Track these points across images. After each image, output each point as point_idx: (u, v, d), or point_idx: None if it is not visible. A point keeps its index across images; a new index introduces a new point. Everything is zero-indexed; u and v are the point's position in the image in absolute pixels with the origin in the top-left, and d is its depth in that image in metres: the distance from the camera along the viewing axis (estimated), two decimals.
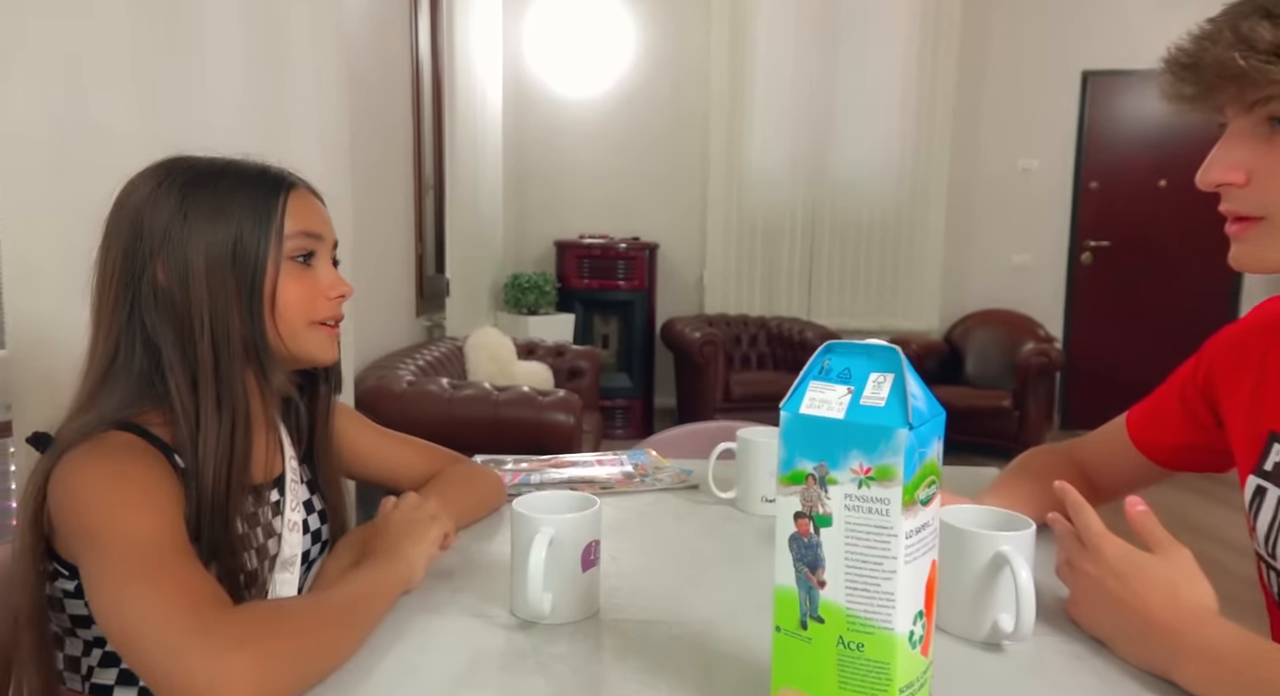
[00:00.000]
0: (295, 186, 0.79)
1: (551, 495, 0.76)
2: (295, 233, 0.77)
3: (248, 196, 0.75)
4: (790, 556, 0.54)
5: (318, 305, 0.78)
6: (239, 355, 0.74)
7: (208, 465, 0.70)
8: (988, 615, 0.68)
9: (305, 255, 0.78)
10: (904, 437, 0.50)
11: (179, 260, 0.72)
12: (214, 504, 0.70)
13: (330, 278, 0.80)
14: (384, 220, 2.96)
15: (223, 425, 0.72)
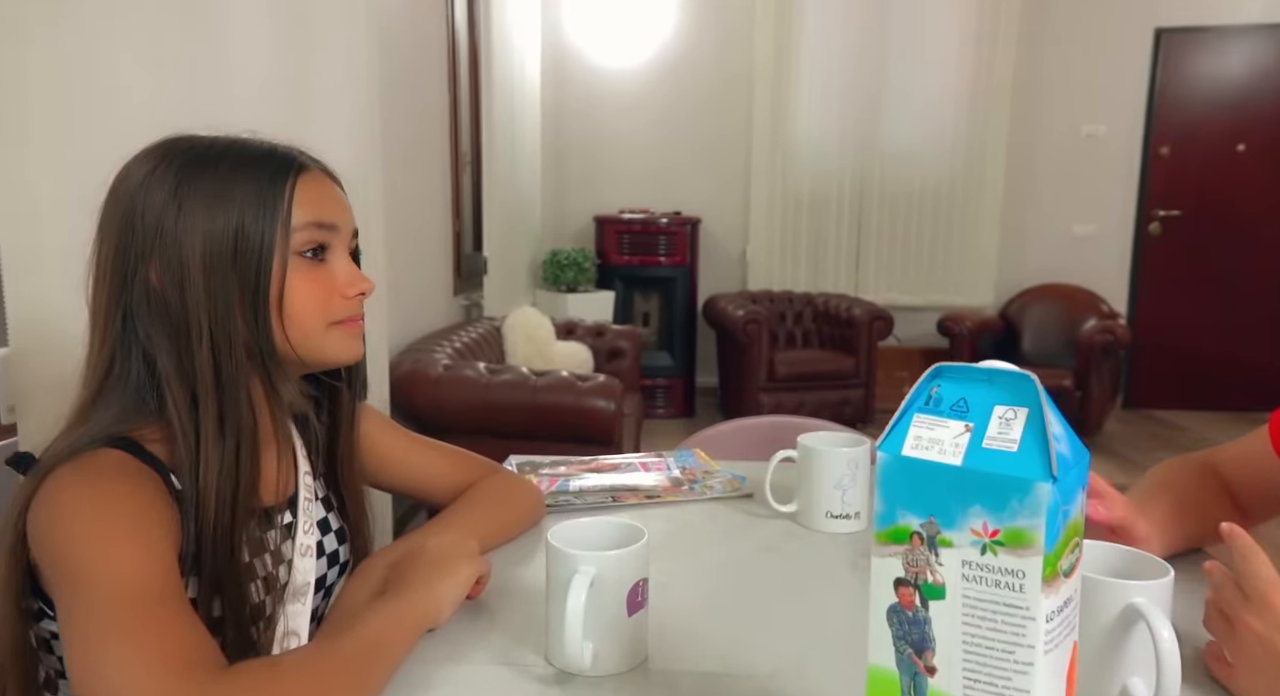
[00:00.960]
0: (306, 169, 0.69)
1: (592, 523, 0.67)
2: (305, 224, 0.67)
3: (251, 182, 0.65)
4: (889, 632, 0.43)
5: (334, 305, 0.69)
6: (243, 364, 0.65)
7: (209, 489, 0.62)
8: (1115, 679, 0.57)
9: (317, 249, 0.69)
10: (1046, 493, 0.38)
11: (173, 258, 0.63)
12: (216, 531, 0.62)
13: (348, 273, 0.70)
14: (419, 197, 2.88)
15: (226, 444, 0.63)
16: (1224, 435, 3.81)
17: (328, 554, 0.76)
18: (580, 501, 0.99)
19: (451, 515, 0.80)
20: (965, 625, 0.41)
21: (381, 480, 0.84)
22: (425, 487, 0.86)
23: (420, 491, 0.86)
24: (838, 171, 4.64)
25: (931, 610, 0.42)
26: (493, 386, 2.18)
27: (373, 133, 1.97)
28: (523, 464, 1.09)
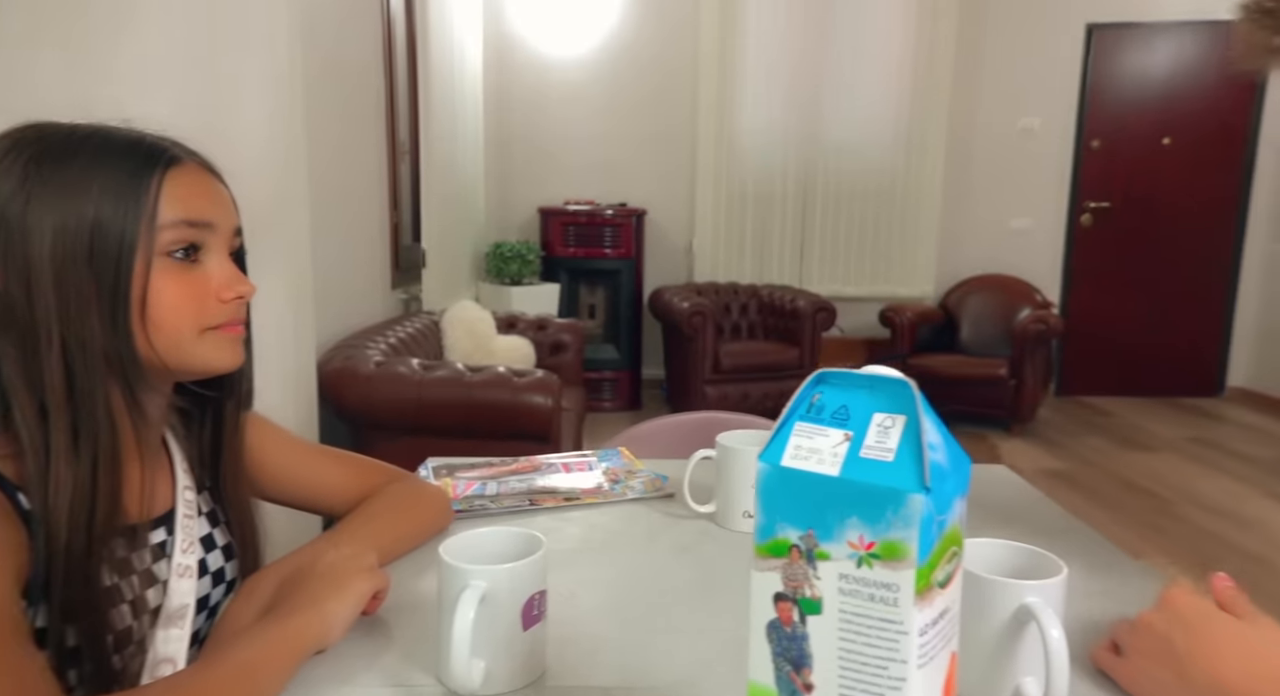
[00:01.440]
0: (178, 162, 0.64)
1: (489, 533, 0.64)
2: (174, 221, 0.62)
3: (112, 174, 0.60)
4: (768, 648, 0.42)
5: (207, 309, 0.65)
6: (99, 372, 0.60)
7: (61, 509, 0.57)
8: (1009, 679, 0.57)
9: (188, 248, 0.64)
10: (919, 505, 0.37)
11: (19, 255, 0.58)
12: (70, 555, 0.57)
13: (225, 275, 0.66)
14: (353, 187, 2.79)
15: (81, 461, 0.58)
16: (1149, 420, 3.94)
17: (212, 572, 0.71)
18: (496, 506, 0.96)
19: (348, 526, 0.76)
20: (841, 641, 0.40)
21: (273, 493, 0.80)
22: (322, 498, 0.81)
23: (317, 503, 0.82)
24: (782, 165, 4.66)
25: (809, 625, 0.40)
26: (426, 383, 2.13)
27: (297, 121, 1.90)
28: (440, 466, 1.06)
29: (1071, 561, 0.82)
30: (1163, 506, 3.12)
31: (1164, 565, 2.59)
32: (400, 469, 0.87)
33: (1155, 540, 2.78)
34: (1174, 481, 3.39)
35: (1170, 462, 3.64)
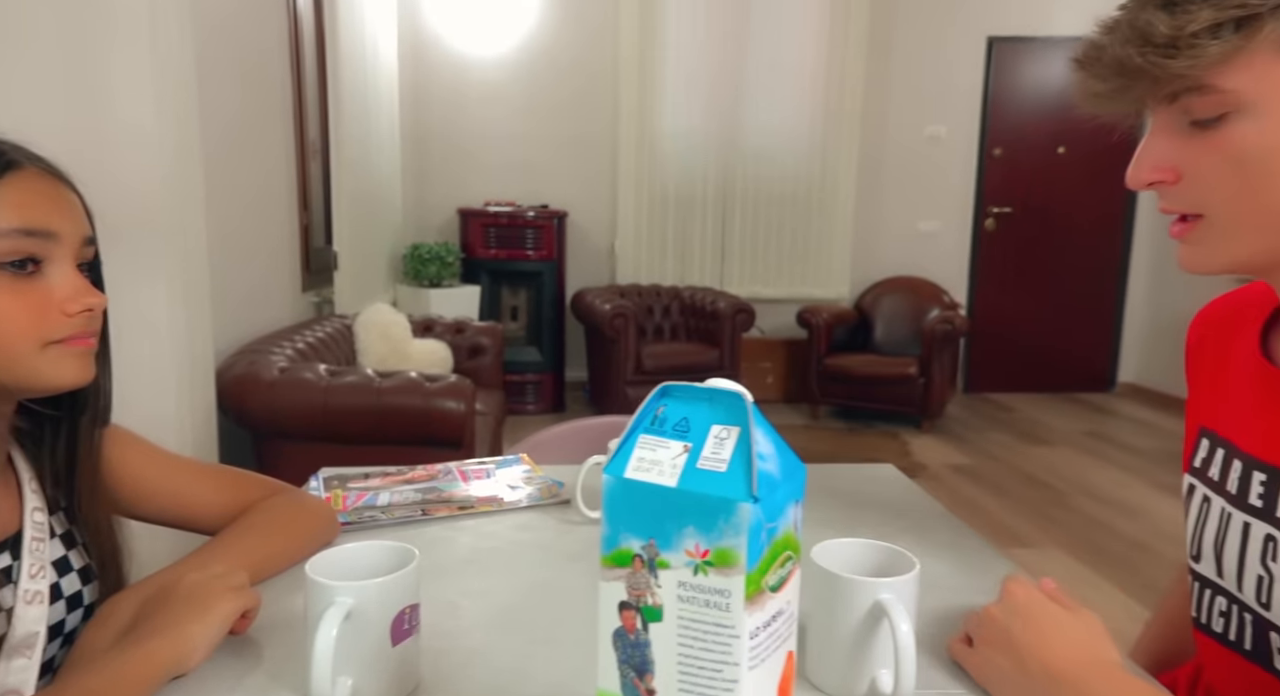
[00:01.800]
0: (16, 167, 0.61)
1: (359, 548, 0.63)
2: (8, 231, 0.59)
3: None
4: (614, 656, 0.43)
5: (50, 322, 0.62)
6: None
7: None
8: (865, 672, 0.60)
9: (23, 261, 0.61)
10: (747, 514, 0.39)
11: None
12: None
13: (70, 287, 0.63)
14: (259, 187, 2.70)
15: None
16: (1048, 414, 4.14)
17: (67, 597, 0.68)
18: (387, 516, 0.94)
19: (219, 543, 0.73)
20: (680, 646, 0.41)
21: (140, 511, 0.77)
22: (193, 516, 0.78)
23: (188, 520, 0.79)
24: (702, 169, 4.73)
25: (651, 632, 0.42)
26: (333, 390, 2.07)
27: (188, 119, 1.82)
28: (331, 477, 1.04)
29: (943, 556, 0.87)
30: (1057, 497, 3.30)
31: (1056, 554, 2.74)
32: (281, 482, 0.85)
33: (1050, 530, 2.94)
34: (1068, 473, 3.58)
35: (1065, 455, 3.85)
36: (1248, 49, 0.52)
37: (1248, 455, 0.66)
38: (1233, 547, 0.66)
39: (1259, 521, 0.63)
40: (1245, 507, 0.65)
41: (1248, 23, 0.52)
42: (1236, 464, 0.67)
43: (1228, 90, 0.54)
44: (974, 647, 0.63)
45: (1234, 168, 0.56)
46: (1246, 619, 0.65)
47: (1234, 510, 0.66)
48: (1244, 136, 0.55)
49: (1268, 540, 0.62)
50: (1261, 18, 0.52)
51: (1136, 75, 0.55)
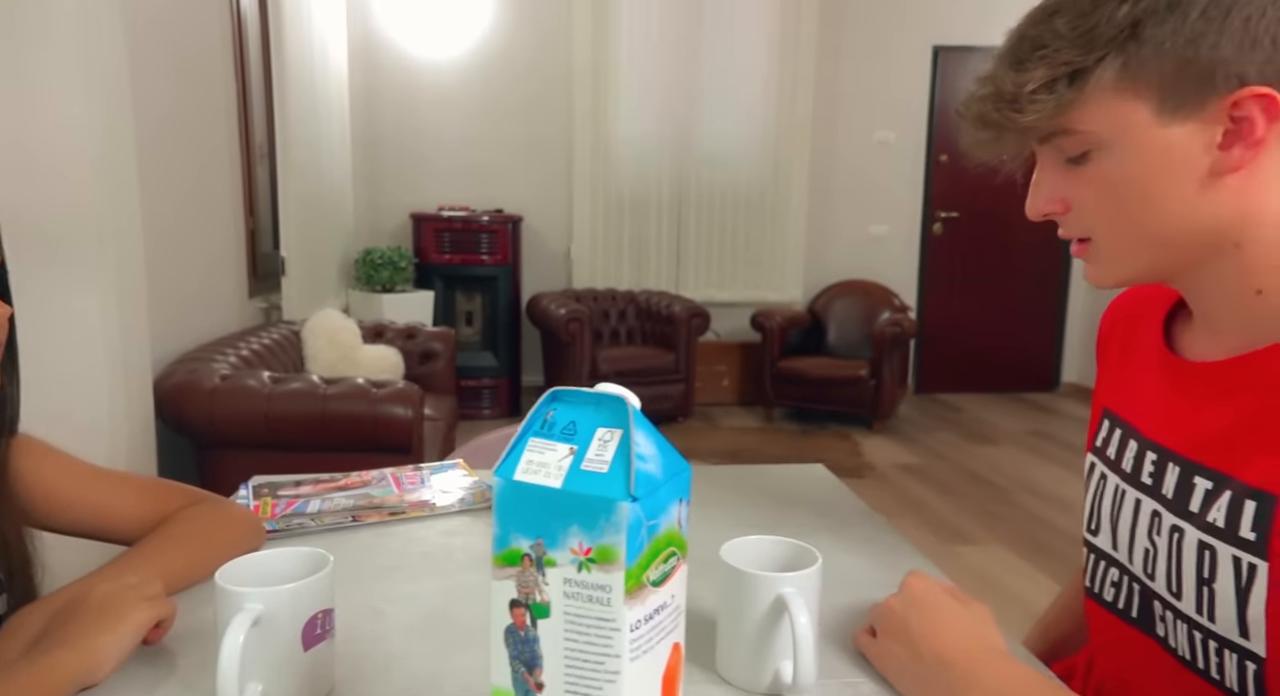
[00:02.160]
0: None
1: (273, 555, 0.64)
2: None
3: None
4: (506, 653, 0.44)
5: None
6: None
7: None
8: (769, 664, 0.62)
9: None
10: (626, 512, 0.41)
11: None
12: None
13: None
14: (201, 192, 2.65)
15: None
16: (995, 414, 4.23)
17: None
18: (316, 523, 0.94)
19: (136, 553, 0.73)
20: (566, 640, 0.43)
21: (55, 523, 0.76)
22: (111, 527, 0.78)
23: (105, 530, 0.78)
24: (657, 173, 4.76)
25: (540, 628, 0.43)
26: (276, 396, 2.05)
27: (123, 120, 1.79)
28: (261, 485, 1.03)
29: (859, 552, 0.90)
30: (1001, 495, 3.39)
31: (999, 550, 2.81)
32: (204, 491, 0.85)
33: (993, 527, 3.02)
34: (1011, 471, 3.69)
35: (1009, 454, 3.95)
36: (1084, 96, 0.58)
37: (1143, 436, 0.70)
38: (1125, 522, 0.70)
39: (1148, 498, 0.68)
40: (1138, 485, 0.69)
41: (1078, 75, 0.57)
42: (1132, 444, 0.71)
43: (1084, 131, 0.59)
44: (876, 638, 0.65)
45: (1108, 197, 0.61)
46: (1135, 588, 0.69)
47: (1128, 487, 0.70)
48: (1109, 169, 0.60)
49: (1154, 516, 0.67)
50: (1089, 70, 0.57)
51: (999, 127, 0.61)
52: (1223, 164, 0.58)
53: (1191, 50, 0.55)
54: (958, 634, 0.61)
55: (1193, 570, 0.62)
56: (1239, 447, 0.61)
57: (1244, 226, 0.60)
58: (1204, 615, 0.62)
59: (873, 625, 0.67)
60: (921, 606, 0.63)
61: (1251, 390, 0.61)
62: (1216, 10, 0.55)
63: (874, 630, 0.67)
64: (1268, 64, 0.55)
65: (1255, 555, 0.58)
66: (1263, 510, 0.58)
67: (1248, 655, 0.59)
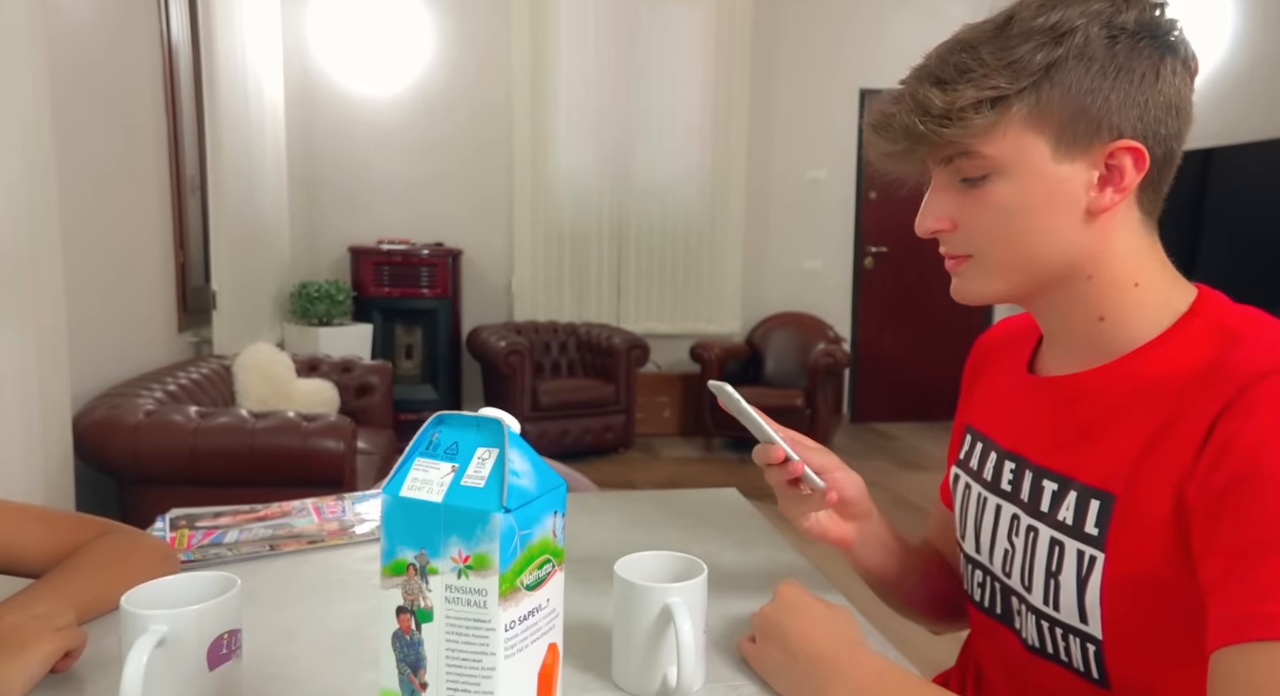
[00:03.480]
0: None
1: (184, 579, 0.66)
2: None
3: None
4: (394, 656, 0.48)
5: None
6: None
7: None
8: (657, 670, 0.67)
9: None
10: (499, 522, 0.45)
11: None
12: None
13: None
14: (127, 224, 2.62)
15: None
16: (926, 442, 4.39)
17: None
18: (233, 553, 0.96)
19: (44, 585, 0.74)
20: (447, 641, 0.47)
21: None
22: (17, 558, 0.79)
23: (12, 564, 0.78)
24: (596, 207, 4.85)
25: (424, 632, 0.47)
26: (203, 431, 2.02)
27: (42, 153, 1.78)
28: (179, 517, 1.04)
29: (756, 567, 0.95)
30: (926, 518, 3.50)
31: None
32: (113, 522, 0.86)
33: None
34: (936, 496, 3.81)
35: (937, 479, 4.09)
36: (1001, 123, 0.65)
37: (1002, 448, 0.78)
38: (987, 526, 0.77)
39: (1007, 502, 0.75)
40: (997, 492, 0.76)
41: (1001, 101, 0.64)
42: (993, 455, 0.79)
43: (989, 155, 0.66)
44: (755, 643, 0.71)
45: (997, 218, 0.68)
46: (996, 587, 0.76)
47: (989, 494, 0.78)
48: (1003, 194, 0.67)
49: (1014, 518, 0.74)
50: (1010, 98, 0.64)
51: (919, 139, 0.67)
52: (1096, 204, 0.66)
53: (1089, 99, 0.63)
54: (824, 633, 0.67)
55: (1043, 565, 0.70)
56: (1080, 452, 0.69)
57: (1097, 261, 0.68)
58: (1050, 605, 0.69)
59: (752, 632, 0.72)
60: (793, 611, 0.69)
61: (1089, 400, 0.69)
62: (1112, 69, 0.63)
63: (754, 637, 0.72)
64: (1139, 121, 0.64)
65: (1096, 548, 0.65)
66: (1104, 508, 0.65)
67: (1088, 638, 0.66)
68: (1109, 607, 0.65)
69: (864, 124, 0.73)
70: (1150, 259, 0.69)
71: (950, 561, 0.92)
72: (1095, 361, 0.70)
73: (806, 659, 0.65)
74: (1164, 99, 0.65)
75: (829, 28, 4.99)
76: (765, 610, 0.71)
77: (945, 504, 0.93)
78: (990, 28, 0.66)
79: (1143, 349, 0.67)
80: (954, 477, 0.84)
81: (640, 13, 4.72)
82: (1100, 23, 0.64)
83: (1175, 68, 0.65)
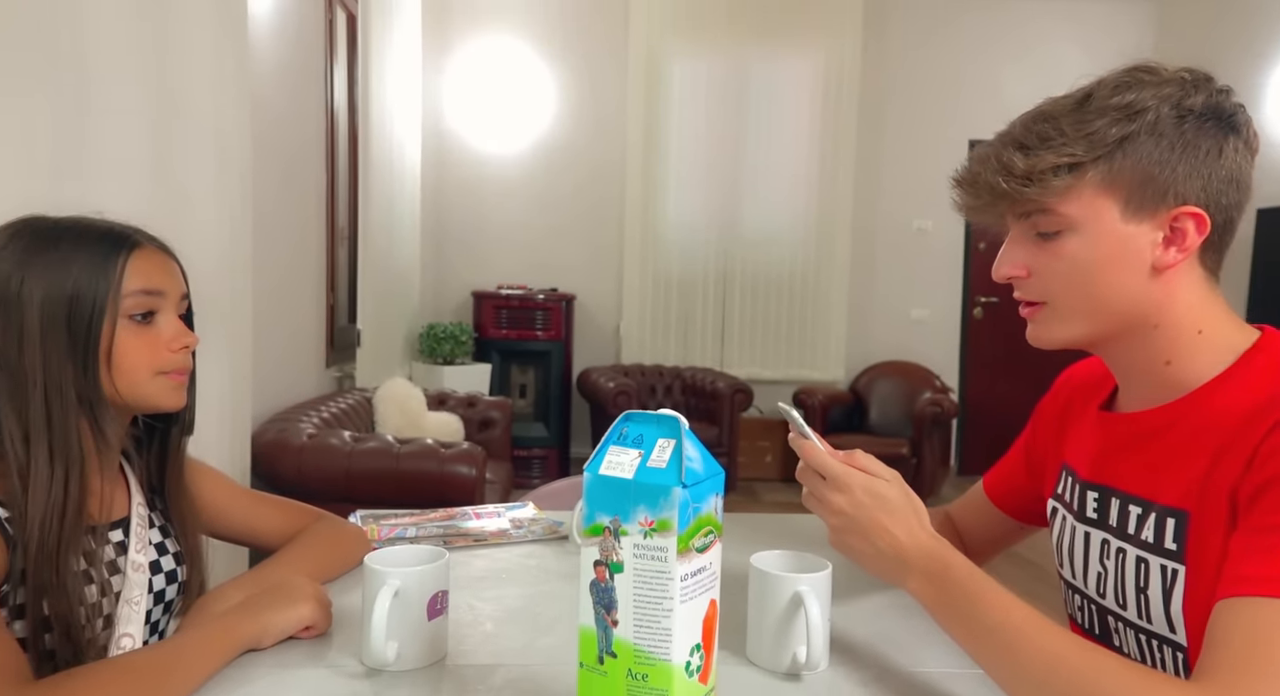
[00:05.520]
0: (139, 246, 0.84)
1: (404, 550, 0.82)
2: (135, 291, 0.82)
3: (88, 257, 0.80)
4: (591, 600, 0.62)
5: (160, 357, 0.84)
6: (73, 408, 0.78)
7: (36, 511, 0.75)
8: (788, 648, 0.77)
9: (146, 314, 0.83)
10: (678, 495, 0.59)
11: (14, 322, 0.77)
12: (42, 547, 0.74)
13: (173, 329, 0.85)
14: (293, 270, 2.97)
15: (55, 474, 0.76)
16: None
17: (165, 571, 0.88)
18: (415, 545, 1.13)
19: (285, 555, 0.93)
20: (635, 588, 0.60)
21: (218, 530, 0.98)
22: (257, 534, 0.99)
23: (253, 538, 1.00)
24: (703, 255, 5.03)
25: (615, 581, 0.61)
26: (356, 454, 2.27)
27: (242, 220, 2.09)
28: (366, 516, 1.23)
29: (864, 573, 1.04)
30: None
31: None
32: (321, 511, 1.05)
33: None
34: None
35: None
36: (1077, 186, 0.75)
37: (1083, 479, 0.86)
38: (1079, 552, 0.85)
39: (1095, 530, 0.82)
40: (1085, 520, 0.84)
41: (1077, 167, 0.74)
42: (1077, 487, 0.86)
43: (1063, 214, 0.76)
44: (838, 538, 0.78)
45: (1069, 270, 0.78)
46: (1092, 608, 0.83)
47: (1078, 523, 0.85)
48: (1075, 249, 0.77)
49: (1104, 544, 0.81)
50: (1085, 165, 0.74)
51: (1001, 196, 0.77)
52: (1160, 261, 0.75)
53: (1157, 169, 0.73)
54: (901, 525, 0.76)
55: (1133, 582, 0.77)
56: (1156, 478, 0.77)
57: (1163, 312, 0.77)
58: (1143, 618, 0.76)
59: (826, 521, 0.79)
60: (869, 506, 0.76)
61: (1162, 433, 0.78)
62: (1179, 145, 0.73)
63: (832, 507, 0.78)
64: (1203, 191, 0.74)
65: (1177, 561, 0.73)
66: (1179, 525, 0.73)
67: (1178, 647, 0.73)
68: (1190, 616, 0.72)
69: (951, 179, 0.84)
70: (1212, 309, 0.77)
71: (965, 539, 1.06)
72: (1165, 399, 0.78)
73: (892, 550, 0.74)
74: (1225, 172, 0.74)
75: (939, 79, 5.05)
76: (839, 506, 0.76)
77: (987, 493, 1.04)
78: (1070, 103, 0.77)
79: (1209, 384, 0.75)
80: (1051, 510, 0.92)
81: (750, 67, 4.94)
82: (1170, 104, 0.73)
83: (1237, 146, 0.74)
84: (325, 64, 3.22)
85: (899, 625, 0.89)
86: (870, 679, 0.77)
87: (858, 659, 0.81)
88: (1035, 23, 5.00)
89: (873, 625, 0.89)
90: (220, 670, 0.74)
